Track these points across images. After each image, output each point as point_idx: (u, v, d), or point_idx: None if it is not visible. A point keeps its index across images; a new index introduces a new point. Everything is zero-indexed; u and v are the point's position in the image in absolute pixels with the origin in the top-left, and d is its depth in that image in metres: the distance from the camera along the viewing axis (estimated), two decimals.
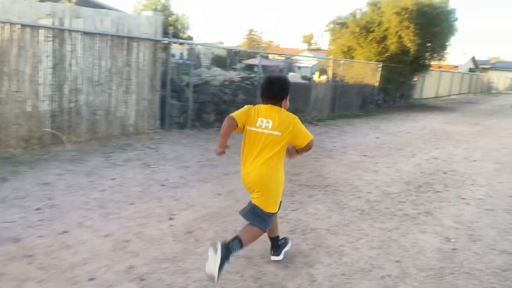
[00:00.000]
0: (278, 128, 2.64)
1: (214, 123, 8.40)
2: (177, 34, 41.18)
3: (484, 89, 35.34)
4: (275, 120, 2.65)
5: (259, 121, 2.72)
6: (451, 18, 17.37)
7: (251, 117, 2.77)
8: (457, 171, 6.27)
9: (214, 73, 25.50)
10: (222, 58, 32.32)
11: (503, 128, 12.01)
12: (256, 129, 2.74)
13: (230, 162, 5.64)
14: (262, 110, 2.75)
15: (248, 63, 40.24)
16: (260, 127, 2.71)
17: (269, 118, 2.68)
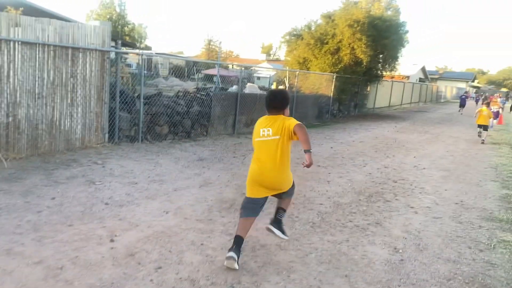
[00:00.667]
0: (276, 132, 3.08)
1: (167, 136, 8.18)
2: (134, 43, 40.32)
3: (433, 98, 37.19)
4: (273, 127, 3.10)
5: (261, 131, 3.18)
6: (401, 31, 18.18)
7: (256, 130, 3.26)
8: (407, 180, 6.44)
9: (171, 83, 25.18)
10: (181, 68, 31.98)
11: (450, 136, 12.60)
12: (260, 138, 3.19)
13: (181, 177, 5.48)
14: (263, 121, 3.23)
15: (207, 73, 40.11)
16: (263, 136, 3.16)
17: (268, 127, 3.14)
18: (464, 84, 67.44)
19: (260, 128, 3.19)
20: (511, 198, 5.76)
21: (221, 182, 5.39)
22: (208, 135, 9.12)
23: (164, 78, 28.83)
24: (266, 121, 3.19)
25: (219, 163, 6.48)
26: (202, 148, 7.62)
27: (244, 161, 6.77)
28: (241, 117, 10.19)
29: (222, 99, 9.44)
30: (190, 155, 6.95)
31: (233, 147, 8.03)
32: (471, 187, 6.31)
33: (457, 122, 17.85)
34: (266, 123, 3.17)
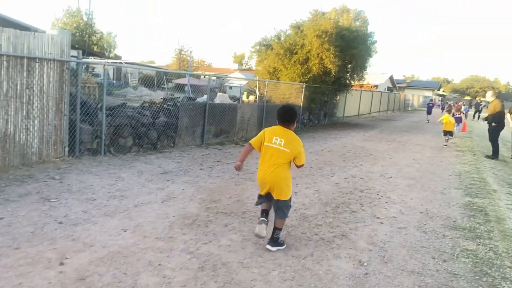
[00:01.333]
0: (288, 146, 3.63)
1: (132, 148, 7.92)
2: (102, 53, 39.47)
3: (401, 107, 38.19)
4: (286, 140, 3.65)
5: (274, 138, 3.67)
6: (368, 41, 18.58)
7: (267, 136, 3.73)
8: (373, 189, 6.47)
9: (140, 93, 24.66)
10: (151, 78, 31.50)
11: (417, 144, 12.87)
12: (272, 144, 3.67)
13: (143, 192, 5.27)
14: (277, 130, 3.74)
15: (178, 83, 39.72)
16: (275, 144, 3.66)
17: (282, 137, 3.66)
18: (430, 93, 69.80)
19: (273, 136, 3.69)
20: (474, 206, 5.87)
21: (185, 196, 5.22)
22: (176, 146, 8.91)
23: (133, 88, 28.36)
24: (280, 130, 3.73)
25: (185, 176, 6.30)
26: (168, 160, 7.42)
27: (211, 173, 6.62)
28: (210, 127, 10.04)
29: (190, 110, 9.27)
30: (155, 168, 6.74)
31: (200, 158, 7.86)
32: (436, 195, 6.40)
33: (423, 130, 18.33)
34: (279, 133, 3.71)
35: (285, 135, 3.68)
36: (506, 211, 5.72)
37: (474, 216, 5.36)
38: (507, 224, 5.11)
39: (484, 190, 6.94)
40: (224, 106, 10.80)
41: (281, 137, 3.66)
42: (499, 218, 5.34)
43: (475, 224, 4.99)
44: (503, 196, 6.63)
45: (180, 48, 47.90)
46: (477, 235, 4.59)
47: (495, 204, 6.03)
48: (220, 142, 10.24)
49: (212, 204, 4.95)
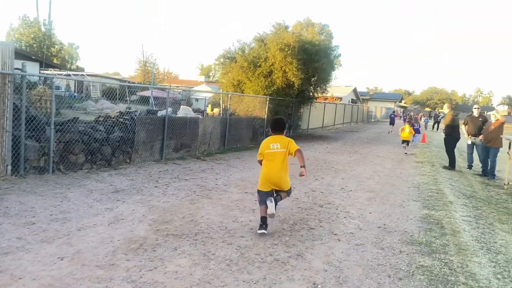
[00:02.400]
0: (282, 147, 4.65)
1: (84, 165, 7.51)
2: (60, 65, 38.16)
3: (364, 118, 39.11)
4: (281, 143, 4.68)
5: (271, 145, 4.68)
6: (331, 55, 18.89)
7: (266, 146, 4.70)
8: (333, 203, 6.39)
9: (101, 106, 23.91)
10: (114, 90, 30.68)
11: (378, 155, 13.06)
12: (270, 150, 4.67)
13: (89, 213, 4.93)
14: (271, 139, 4.77)
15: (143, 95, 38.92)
16: (273, 149, 4.66)
17: (276, 143, 4.69)
18: (392, 104, 72.16)
19: (270, 143, 4.70)
20: (431, 218, 5.89)
21: (135, 217, 4.92)
22: (132, 162, 8.55)
23: (94, 101, 27.47)
24: (274, 139, 4.77)
25: (137, 195, 5.99)
26: (121, 178, 7.06)
27: (166, 191, 6.33)
28: (169, 142, 9.73)
29: (148, 123, 8.95)
30: (106, 186, 6.37)
31: (157, 175, 7.55)
32: (394, 208, 6.40)
33: (385, 141, 18.72)
34: (274, 140, 4.73)
35: (279, 140, 4.73)
36: (461, 223, 5.77)
37: (430, 229, 5.36)
38: (462, 237, 5.13)
39: (441, 202, 7.02)
40: (185, 119, 10.53)
41: (277, 142, 4.70)
42: (454, 231, 5.36)
43: (431, 238, 4.97)
44: (458, 208, 6.72)
45: (144, 59, 47.01)
46: (433, 250, 4.56)
47: (451, 216, 6.09)
48: (181, 157, 9.95)
49: (162, 226, 4.68)
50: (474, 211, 6.63)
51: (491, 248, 4.82)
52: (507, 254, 4.67)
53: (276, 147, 4.65)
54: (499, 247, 4.91)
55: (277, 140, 4.72)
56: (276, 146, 4.65)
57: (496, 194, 8.40)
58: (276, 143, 4.67)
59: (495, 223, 6.01)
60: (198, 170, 8.33)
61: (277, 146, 4.65)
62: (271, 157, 4.65)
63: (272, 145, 4.67)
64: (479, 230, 5.55)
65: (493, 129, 10.10)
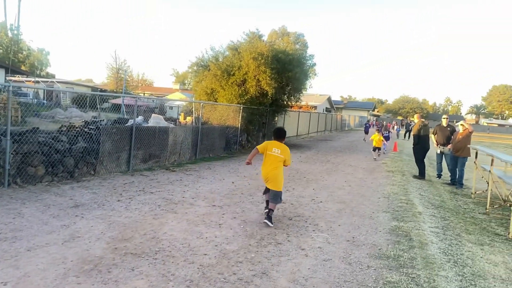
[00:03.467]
0: (282, 154, 5.57)
1: (44, 177, 7.13)
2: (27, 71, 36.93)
3: (338, 127, 39.57)
4: (281, 149, 5.59)
5: (273, 149, 5.58)
6: (307, 64, 18.99)
7: (269, 147, 5.62)
8: (302, 216, 6.28)
9: (70, 114, 23.21)
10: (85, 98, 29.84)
11: (350, 165, 13.11)
12: (272, 153, 5.57)
13: (43, 231, 4.62)
14: (275, 144, 5.69)
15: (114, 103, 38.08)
16: (274, 152, 5.56)
17: (278, 148, 5.60)
18: (365, 113, 73.56)
19: (273, 147, 5.64)
20: (399, 230, 5.86)
21: (92, 235, 4.64)
22: (97, 174, 8.21)
23: (63, 109, 26.64)
24: (276, 144, 5.72)
25: (98, 210, 5.69)
26: (83, 191, 6.73)
27: (129, 205, 6.06)
28: (137, 152, 9.43)
29: (114, 133, 8.63)
30: (66, 200, 6.05)
31: (121, 188, 7.25)
32: (364, 220, 6.34)
33: (357, 150, 18.89)
34: (276, 145, 5.69)
35: (280, 147, 5.67)
36: (429, 235, 5.75)
37: (399, 242, 5.31)
38: (429, 250, 5.10)
39: (410, 212, 7.03)
40: (154, 129, 10.24)
41: (278, 148, 5.64)
42: (422, 243, 5.33)
43: (399, 252, 4.91)
44: (427, 219, 6.73)
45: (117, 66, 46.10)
46: (400, 264, 4.49)
47: (420, 228, 6.08)
48: (149, 168, 9.65)
49: (121, 244, 4.43)
50: (442, 221, 6.66)
51: (458, 260, 4.80)
52: (473, 266, 4.65)
53: (277, 152, 5.60)
54: (465, 259, 4.89)
55: (279, 146, 5.67)
56: (278, 151, 5.61)
57: (463, 203, 8.51)
58: (278, 149, 5.63)
59: (462, 234, 6.03)
60: (166, 182, 8.07)
61: (278, 152, 5.61)
62: (272, 159, 5.61)
63: (275, 149, 5.63)
64: (447, 241, 5.55)
65: (461, 139, 10.29)
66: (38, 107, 26.92)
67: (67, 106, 28.84)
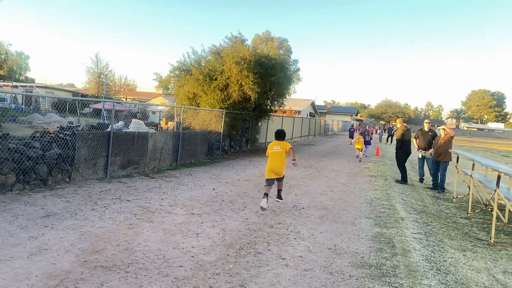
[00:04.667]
0: (281, 148, 6.90)
1: (15, 185, 6.81)
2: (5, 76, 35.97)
3: (321, 131, 39.70)
4: (280, 146, 6.94)
5: (274, 147, 6.96)
6: (291, 69, 18.94)
7: (271, 147, 7.01)
8: (284, 223, 6.13)
9: (49, 119, 22.64)
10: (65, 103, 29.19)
11: (333, 170, 13.05)
12: (273, 150, 6.95)
13: (8, 243, 4.36)
14: (276, 142, 7.08)
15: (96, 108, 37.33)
16: (275, 150, 6.94)
17: (278, 145, 6.97)
18: (349, 118, 74.23)
19: (274, 146, 7.00)
20: (382, 237, 5.76)
21: (61, 247, 4.39)
22: (72, 181, 7.90)
23: (41, 114, 25.99)
24: (276, 143, 7.05)
25: (70, 219, 5.43)
26: (56, 200, 6.44)
27: (103, 214, 5.80)
28: (115, 158, 9.15)
29: (90, 139, 8.34)
30: (36, 210, 5.76)
31: (97, 195, 6.97)
32: (346, 226, 6.23)
33: (340, 155, 18.90)
34: (276, 144, 7.03)
35: (279, 144, 7.04)
36: (412, 242, 5.67)
37: (381, 249, 5.20)
38: (412, 257, 5.00)
39: (393, 218, 6.95)
40: (133, 134, 9.98)
41: (278, 145, 7.00)
42: (405, 250, 5.24)
43: (382, 260, 4.80)
44: (410, 224, 6.66)
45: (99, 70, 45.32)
46: (383, 273, 4.37)
47: (402, 234, 6.00)
48: (128, 175, 9.38)
49: (92, 256, 4.19)
50: (424, 227, 6.60)
51: (441, 268, 4.72)
52: (456, 274, 4.58)
53: (277, 148, 6.96)
54: (448, 266, 4.82)
55: (278, 144, 7.03)
56: (277, 148, 6.97)
57: (445, 208, 8.51)
58: (277, 146, 6.99)
59: (445, 240, 5.98)
60: (144, 189, 7.82)
61: (277, 148, 6.96)
62: (274, 155, 6.93)
63: (275, 147, 6.99)
64: (429, 248, 5.47)
65: (442, 143, 10.34)
66: (15, 112, 26.21)
67: (46, 111, 28.14)
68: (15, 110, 29.76)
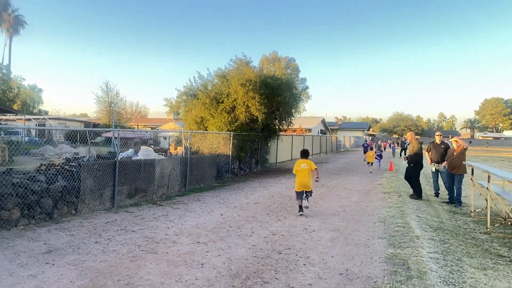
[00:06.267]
0: (308, 166, 8.37)
1: (20, 221, 6.75)
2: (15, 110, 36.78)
3: (333, 148, 39.34)
4: (307, 164, 8.41)
5: (301, 165, 8.40)
6: (295, 88, 18.90)
7: (298, 165, 8.44)
8: (293, 248, 5.89)
9: (60, 150, 22.87)
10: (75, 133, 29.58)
11: (344, 188, 12.76)
12: (301, 168, 8.38)
13: (6, 283, 4.22)
14: (302, 161, 8.51)
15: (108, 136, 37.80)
16: (303, 167, 8.38)
17: (304, 163, 8.42)
18: (361, 133, 73.65)
19: (301, 164, 8.38)
20: (396, 259, 5.48)
21: (61, 285, 4.24)
22: (78, 213, 7.82)
23: (53, 145, 26.34)
24: (303, 161, 8.44)
25: (72, 254, 5.30)
26: (61, 233, 6.34)
27: (107, 247, 5.66)
28: (122, 187, 9.07)
29: (96, 170, 8.30)
30: (39, 245, 5.66)
31: (102, 227, 6.86)
32: (358, 248, 5.97)
33: (353, 172, 18.57)
34: (303, 162, 8.42)
35: (305, 162, 8.41)
36: (428, 262, 5.37)
37: (395, 272, 4.93)
38: (428, 279, 4.71)
39: (408, 237, 6.66)
40: (139, 162, 9.92)
41: (304, 163, 8.37)
42: (421, 272, 4.95)
43: (396, 284, 4.53)
44: (425, 243, 6.35)
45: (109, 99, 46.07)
46: None
47: (418, 254, 5.70)
48: (135, 203, 9.27)
49: None
50: (441, 245, 6.29)
51: None
52: None
53: (304, 166, 8.35)
54: (468, 287, 4.52)
55: (304, 162, 8.43)
56: (304, 165, 8.35)
57: (463, 223, 8.15)
58: (304, 163, 8.38)
59: (464, 258, 5.66)
60: (150, 218, 7.69)
61: (304, 165, 8.35)
62: (302, 171, 8.31)
63: (302, 165, 8.37)
64: (447, 268, 5.17)
65: (456, 156, 10.03)
66: (28, 145, 26.63)
67: (58, 142, 28.53)
68: (29, 142, 30.29)
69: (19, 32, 53.76)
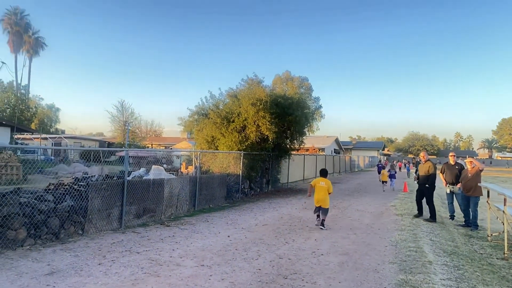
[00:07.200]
0: (326, 185, 9.23)
1: (26, 241, 6.73)
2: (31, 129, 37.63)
3: (347, 168, 38.88)
4: (325, 182, 9.28)
5: (320, 182, 9.25)
6: (306, 107, 18.84)
7: (318, 181, 9.31)
8: (299, 273, 5.71)
9: (74, 169, 23.09)
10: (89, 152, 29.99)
11: (357, 209, 12.49)
12: (320, 185, 9.20)
13: None
14: (321, 179, 9.38)
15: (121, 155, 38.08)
16: (321, 185, 9.19)
17: (324, 181, 9.30)
18: (375, 153, 72.81)
19: (320, 181, 9.24)
20: (406, 285, 5.25)
21: None
22: (85, 233, 7.79)
23: (66, 164, 26.68)
24: (322, 179, 9.33)
25: (74, 277, 5.23)
26: (65, 254, 6.30)
27: (110, 269, 5.58)
28: (130, 207, 9.04)
29: (103, 189, 8.29)
30: (42, 267, 5.61)
31: (107, 248, 6.79)
32: (368, 274, 5.75)
33: (366, 193, 18.23)
34: (322, 180, 9.31)
35: (324, 181, 9.25)
36: None
37: None
38: None
39: (420, 262, 6.40)
40: (148, 182, 9.90)
41: (323, 181, 9.21)
42: None
43: None
44: (438, 269, 6.09)
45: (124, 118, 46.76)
46: None
47: (430, 281, 5.46)
48: (143, 223, 9.21)
49: None
50: (455, 271, 6.02)
51: None
52: None
53: (322, 184, 9.15)
54: None
55: (323, 180, 9.26)
56: (323, 183, 9.16)
57: (480, 247, 7.84)
58: (323, 182, 9.21)
59: (479, 286, 5.40)
60: (157, 239, 7.60)
61: (323, 184, 9.16)
62: (320, 188, 9.09)
63: (321, 183, 9.18)
64: None
65: (471, 177, 9.76)
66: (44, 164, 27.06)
67: (73, 161, 28.91)
68: (45, 161, 30.77)
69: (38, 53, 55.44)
